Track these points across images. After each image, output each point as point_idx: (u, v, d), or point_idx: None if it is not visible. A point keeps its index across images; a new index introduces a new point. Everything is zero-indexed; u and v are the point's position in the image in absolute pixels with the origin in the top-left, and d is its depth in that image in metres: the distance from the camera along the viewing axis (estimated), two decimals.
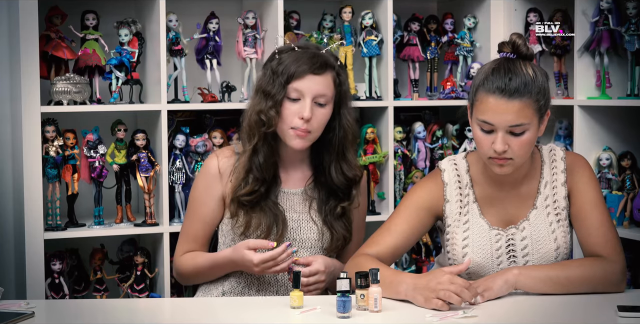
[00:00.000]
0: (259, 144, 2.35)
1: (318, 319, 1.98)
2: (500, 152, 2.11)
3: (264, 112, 2.31)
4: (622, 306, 1.97)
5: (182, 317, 2.10)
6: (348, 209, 2.42)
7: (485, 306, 2.04)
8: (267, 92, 2.32)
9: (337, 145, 2.38)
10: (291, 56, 2.32)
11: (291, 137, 2.31)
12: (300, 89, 2.30)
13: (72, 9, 3.25)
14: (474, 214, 2.26)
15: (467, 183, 2.28)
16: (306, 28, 3.54)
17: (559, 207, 2.24)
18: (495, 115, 2.09)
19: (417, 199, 2.29)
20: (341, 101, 2.38)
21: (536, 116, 2.12)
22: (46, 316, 2.06)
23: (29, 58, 3.05)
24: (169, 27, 3.27)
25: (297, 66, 2.30)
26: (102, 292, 3.28)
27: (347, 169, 2.39)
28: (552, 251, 2.22)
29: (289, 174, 2.42)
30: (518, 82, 2.09)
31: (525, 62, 2.14)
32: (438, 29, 3.68)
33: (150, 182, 3.25)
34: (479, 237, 2.24)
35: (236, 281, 2.39)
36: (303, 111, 2.29)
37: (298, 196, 2.41)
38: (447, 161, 2.32)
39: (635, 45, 3.13)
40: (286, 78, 2.30)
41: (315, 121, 2.31)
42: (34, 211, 3.07)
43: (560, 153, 2.27)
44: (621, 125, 3.30)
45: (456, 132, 3.65)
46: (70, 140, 3.17)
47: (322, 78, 2.32)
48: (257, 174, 2.35)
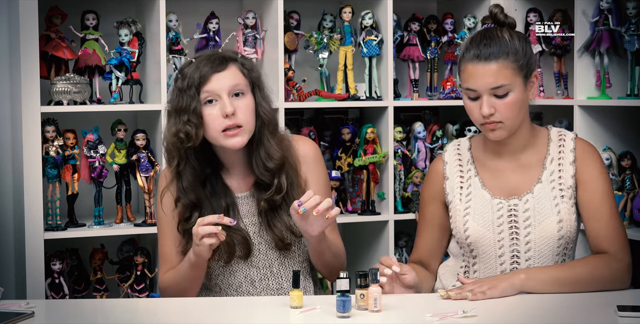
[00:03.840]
0: (180, 166, 2.28)
1: (318, 319, 1.98)
2: (487, 115, 2.17)
3: (180, 130, 2.25)
4: (622, 306, 1.97)
5: (182, 317, 2.10)
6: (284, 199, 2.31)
7: (485, 306, 2.04)
8: (179, 108, 2.26)
9: (256, 135, 2.31)
10: (191, 67, 2.28)
11: (226, 139, 2.25)
12: (211, 89, 2.25)
13: (72, 9, 3.25)
14: (475, 186, 2.30)
15: (468, 159, 2.33)
16: (306, 28, 3.54)
17: (564, 184, 2.25)
18: (475, 80, 2.17)
19: (425, 194, 2.38)
20: (255, 88, 2.32)
21: (518, 76, 2.17)
22: (46, 316, 2.06)
23: (29, 58, 3.05)
24: (169, 27, 3.27)
25: (199, 71, 2.25)
26: (102, 292, 3.29)
27: (266, 159, 2.30)
28: (555, 223, 2.21)
29: (235, 179, 2.36)
30: (492, 46, 2.17)
31: (502, 29, 2.22)
32: (438, 29, 3.68)
33: (150, 182, 3.25)
34: (480, 206, 2.27)
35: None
36: (223, 108, 2.24)
37: (248, 199, 2.35)
38: (451, 143, 2.40)
39: (635, 45, 3.13)
40: (195, 87, 2.25)
41: (240, 113, 2.25)
42: (34, 211, 3.07)
43: (570, 134, 2.30)
44: (621, 125, 3.30)
45: (456, 132, 3.65)
46: (70, 140, 3.17)
47: (227, 72, 2.28)
48: (184, 200, 2.30)
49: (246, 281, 2.34)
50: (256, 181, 2.33)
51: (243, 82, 2.29)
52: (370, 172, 3.48)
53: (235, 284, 2.34)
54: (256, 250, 2.33)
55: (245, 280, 2.34)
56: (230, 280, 2.34)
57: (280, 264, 2.35)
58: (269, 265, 2.34)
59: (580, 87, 3.29)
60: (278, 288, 2.34)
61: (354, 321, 1.94)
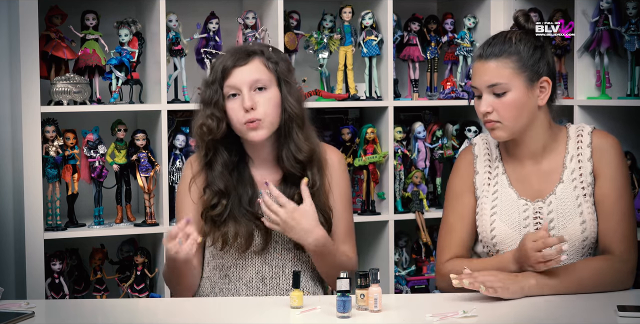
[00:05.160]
0: (208, 156, 2.34)
1: (318, 319, 1.98)
2: (484, 112, 2.22)
3: (204, 123, 2.31)
4: (622, 306, 1.97)
5: (182, 317, 2.10)
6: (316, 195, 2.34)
7: (485, 306, 2.04)
8: (205, 101, 2.33)
9: (283, 128, 2.34)
10: (218, 60, 2.35)
11: (246, 132, 2.30)
12: (232, 83, 2.30)
13: (72, 9, 3.25)
14: (502, 184, 2.31)
15: (496, 157, 2.35)
16: (306, 28, 3.54)
17: (585, 182, 2.26)
18: (476, 77, 2.25)
19: (456, 186, 2.36)
20: (281, 82, 2.34)
21: (518, 77, 2.20)
22: (46, 316, 2.06)
23: (29, 58, 3.05)
24: (169, 27, 3.27)
25: (223, 65, 2.31)
26: (102, 292, 3.28)
27: (296, 151, 2.34)
28: (578, 225, 2.23)
29: (263, 175, 2.38)
30: (495, 46, 2.23)
31: (515, 32, 2.26)
32: (438, 29, 3.68)
33: (150, 182, 3.25)
34: (507, 205, 2.28)
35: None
36: (243, 102, 2.28)
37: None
38: (479, 137, 2.41)
39: (635, 45, 3.13)
40: (219, 80, 2.30)
41: (260, 108, 2.29)
42: (34, 211, 3.07)
43: (587, 128, 2.30)
44: (621, 125, 3.30)
45: (456, 132, 3.65)
46: (70, 140, 3.17)
47: (249, 66, 2.31)
48: (214, 187, 2.33)
49: (257, 277, 2.35)
50: (283, 176, 2.36)
51: (266, 76, 2.32)
52: (370, 172, 3.48)
53: (246, 278, 2.35)
54: (272, 248, 2.35)
55: (256, 276, 2.35)
56: (241, 274, 2.35)
57: (294, 265, 2.36)
58: (282, 265, 2.35)
59: (580, 87, 3.29)
60: (288, 289, 2.34)
61: (354, 321, 1.94)
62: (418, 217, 3.52)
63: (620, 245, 2.20)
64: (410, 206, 3.54)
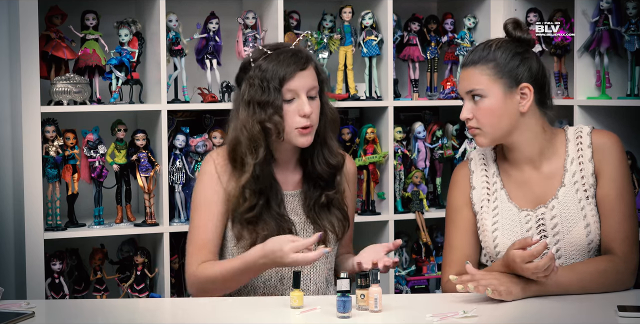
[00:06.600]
0: (260, 156, 2.30)
1: (318, 319, 1.98)
2: (464, 119, 2.25)
3: (268, 121, 2.28)
4: (622, 306, 1.97)
5: (182, 317, 2.10)
6: (335, 197, 2.39)
7: (485, 306, 2.04)
8: (263, 101, 2.28)
9: (321, 133, 2.37)
10: (272, 60, 2.30)
11: (297, 136, 2.30)
12: (293, 88, 2.29)
13: (72, 9, 3.25)
14: (502, 200, 2.30)
15: (494, 172, 2.34)
16: (306, 28, 3.54)
17: (587, 184, 2.25)
18: (459, 84, 2.29)
19: (454, 201, 2.37)
20: (322, 89, 2.37)
21: (495, 84, 2.21)
22: (46, 316, 2.06)
23: (29, 58, 3.05)
24: (169, 27, 3.27)
25: (286, 67, 2.28)
26: (102, 292, 3.28)
27: (329, 156, 2.37)
28: (582, 229, 2.22)
29: (285, 176, 2.40)
30: (475, 54, 2.26)
31: (499, 40, 2.28)
32: (438, 29, 3.68)
33: (150, 182, 3.25)
34: (508, 220, 2.27)
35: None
36: (302, 108, 2.28)
37: (295, 197, 2.39)
38: (475, 151, 2.42)
39: (635, 45, 3.13)
40: (278, 82, 2.28)
41: (314, 115, 2.31)
42: (34, 211, 3.07)
43: (586, 129, 2.30)
44: (621, 125, 3.30)
45: (456, 132, 3.65)
46: (70, 140, 3.17)
47: (308, 72, 2.32)
48: (254, 186, 2.31)
49: (276, 276, 2.35)
50: (304, 179, 2.39)
51: (317, 85, 2.34)
52: (370, 172, 3.48)
53: (264, 277, 2.35)
54: None
55: (275, 275, 2.35)
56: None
57: (312, 267, 2.37)
58: (301, 266, 2.34)
59: (580, 87, 3.29)
60: (304, 290, 2.34)
61: (354, 321, 1.94)
62: (418, 217, 3.52)
63: (622, 245, 2.20)
64: (410, 206, 3.54)
